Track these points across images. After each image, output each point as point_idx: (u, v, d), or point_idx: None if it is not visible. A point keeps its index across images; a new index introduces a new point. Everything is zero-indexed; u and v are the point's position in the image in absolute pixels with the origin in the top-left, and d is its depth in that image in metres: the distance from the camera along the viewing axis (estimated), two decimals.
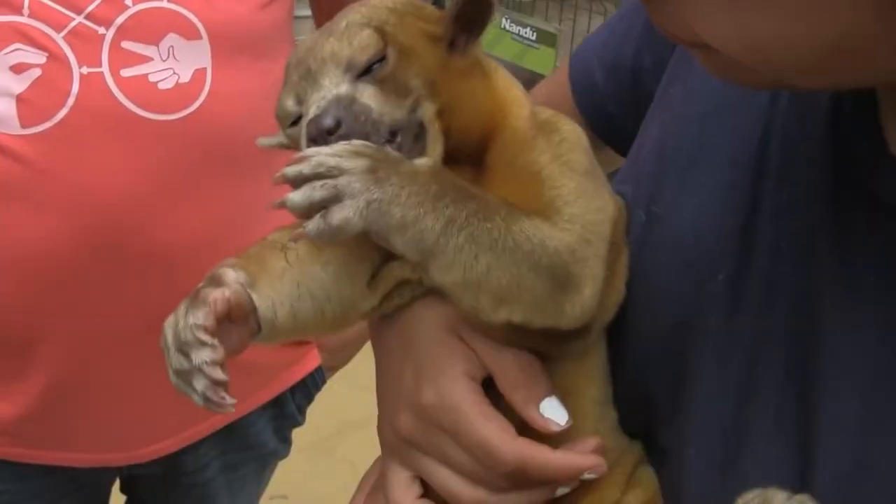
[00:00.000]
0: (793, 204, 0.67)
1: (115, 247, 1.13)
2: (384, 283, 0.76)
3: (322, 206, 0.64)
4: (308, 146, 0.67)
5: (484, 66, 0.77)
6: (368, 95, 0.69)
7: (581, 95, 0.96)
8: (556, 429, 0.72)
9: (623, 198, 0.78)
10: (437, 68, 0.72)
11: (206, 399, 0.71)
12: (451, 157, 0.72)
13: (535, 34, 2.94)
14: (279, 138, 0.80)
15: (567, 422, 0.73)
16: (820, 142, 0.66)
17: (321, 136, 0.67)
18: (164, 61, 1.13)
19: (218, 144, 1.18)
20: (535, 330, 0.70)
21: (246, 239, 1.22)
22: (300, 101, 0.72)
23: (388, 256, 0.73)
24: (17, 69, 1.08)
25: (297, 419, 1.55)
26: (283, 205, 0.65)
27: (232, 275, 0.73)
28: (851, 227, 0.63)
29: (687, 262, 0.72)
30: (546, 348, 0.74)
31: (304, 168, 0.64)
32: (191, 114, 1.14)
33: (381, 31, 0.71)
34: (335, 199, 0.64)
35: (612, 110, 0.93)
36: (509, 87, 0.78)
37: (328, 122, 0.67)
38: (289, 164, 0.66)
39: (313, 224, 0.64)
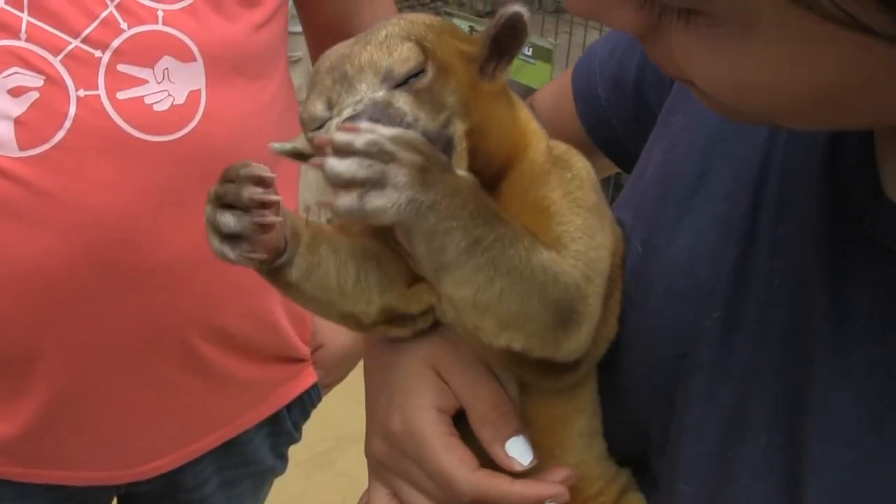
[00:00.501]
0: (788, 240, 0.68)
1: (113, 265, 1.14)
2: (416, 302, 0.77)
3: (361, 185, 0.62)
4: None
5: (509, 95, 0.78)
6: (405, 102, 0.69)
7: (583, 106, 0.96)
8: (518, 468, 0.73)
9: (622, 227, 0.79)
10: (470, 88, 0.72)
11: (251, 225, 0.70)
12: None
13: (530, 49, 2.95)
14: (292, 144, 0.80)
15: (530, 462, 0.74)
16: (817, 179, 0.66)
17: None
18: (158, 83, 1.15)
19: (214, 163, 1.18)
20: (530, 360, 0.71)
21: None
22: (331, 106, 0.72)
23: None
24: (15, 92, 1.09)
25: (294, 436, 1.56)
26: (317, 166, 0.63)
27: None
28: (845, 266, 0.63)
29: (682, 296, 0.72)
30: (538, 380, 0.76)
31: (358, 141, 0.63)
32: (186, 134, 1.16)
33: (421, 45, 0.71)
34: (378, 184, 0.62)
35: (614, 123, 0.94)
36: (530, 119, 0.79)
37: (364, 122, 0.66)
38: (340, 129, 0.64)
39: (348, 200, 0.62)
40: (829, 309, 0.62)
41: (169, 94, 1.15)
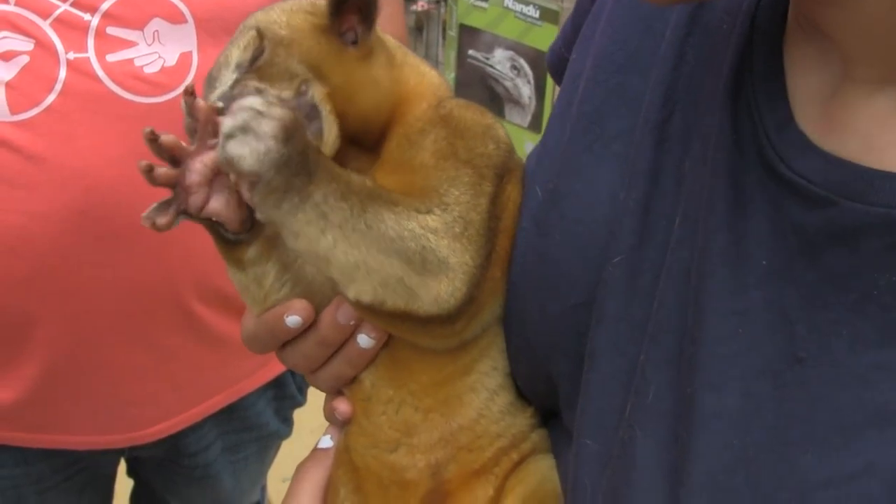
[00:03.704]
0: (693, 178, 0.64)
1: (106, 229, 1.14)
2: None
3: (230, 137, 0.66)
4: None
5: (392, 57, 0.80)
6: (251, 80, 0.73)
7: (558, 77, 0.94)
8: None
9: (525, 174, 0.78)
10: (323, 54, 0.75)
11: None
12: (354, 143, 0.76)
13: (538, 12, 2.93)
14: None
15: None
16: (721, 107, 0.63)
17: None
18: (149, 46, 1.14)
19: None
20: (394, 314, 0.72)
21: None
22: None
23: None
24: (5, 57, 1.09)
25: (298, 399, 1.56)
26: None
27: None
28: (747, 207, 0.59)
29: (584, 243, 0.70)
30: (414, 338, 0.76)
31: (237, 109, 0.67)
32: (177, 96, 1.15)
33: (260, 31, 0.75)
34: (243, 130, 0.66)
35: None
36: (420, 80, 0.80)
37: (218, 106, 0.70)
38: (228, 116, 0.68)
39: (218, 150, 0.67)
40: (727, 250, 0.59)
41: (159, 56, 1.15)
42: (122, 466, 1.57)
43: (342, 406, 0.81)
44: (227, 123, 0.66)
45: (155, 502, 1.64)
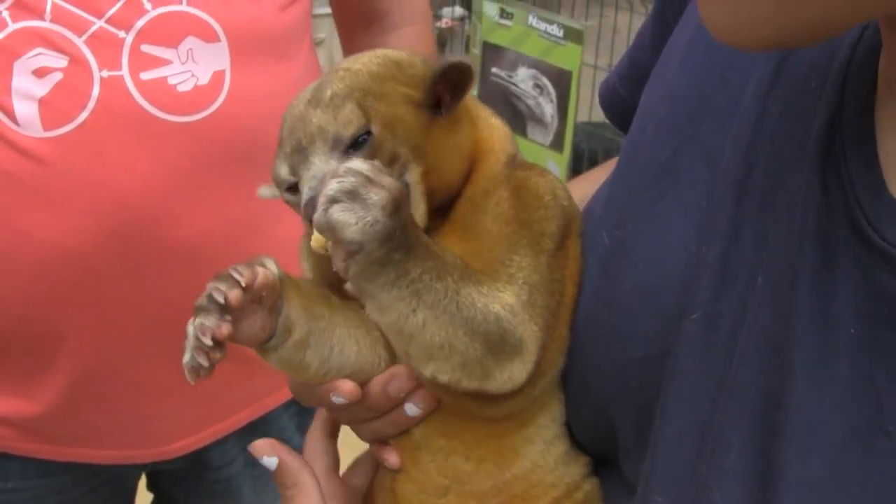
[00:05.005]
0: (775, 235, 0.62)
1: (135, 245, 1.15)
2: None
3: (333, 201, 0.64)
4: (305, 220, 0.70)
5: (471, 115, 0.78)
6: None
7: (611, 112, 0.94)
8: None
9: (590, 217, 0.77)
10: (420, 131, 0.73)
11: (190, 359, 0.73)
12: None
13: (561, 31, 2.93)
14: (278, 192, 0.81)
15: None
16: (809, 167, 0.61)
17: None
18: (182, 64, 1.15)
19: (237, 144, 1.20)
20: (466, 392, 0.72)
21: (265, 236, 1.25)
22: (294, 172, 0.74)
23: None
24: (40, 73, 1.10)
25: None
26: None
27: (272, 264, 0.74)
28: (835, 271, 0.58)
29: (656, 294, 0.68)
30: (474, 409, 0.75)
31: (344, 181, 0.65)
32: (210, 115, 1.16)
33: (363, 105, 0.72)
34: (350, 195, 0.64)
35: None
36: (490, 134, 0.79)
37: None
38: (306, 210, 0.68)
39: (319, 212, 0.65)
40: (814, 315, 0.58)
41: (193, 75, 1.15)
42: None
43: (391, 458, 0.79)
44: (333, 186, 0.64)
45: None
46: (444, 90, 0.75)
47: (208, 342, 0.71)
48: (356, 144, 0.72)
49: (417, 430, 0.78)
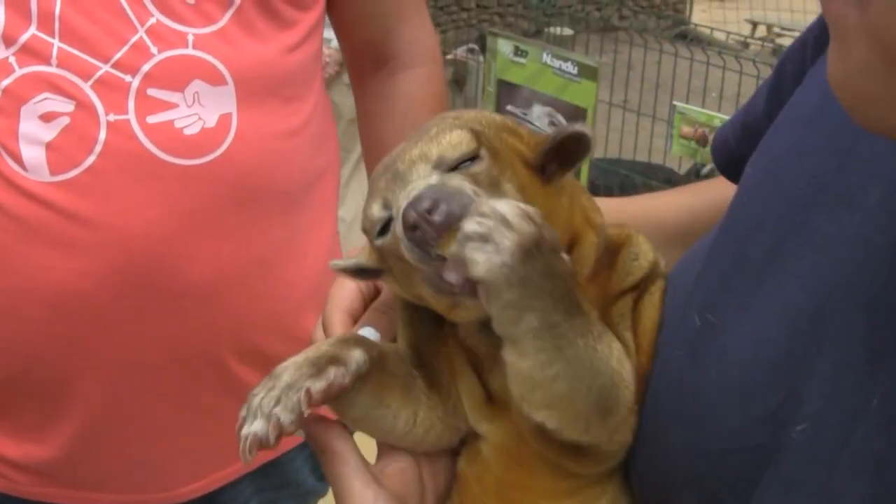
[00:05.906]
0: (891, 351, 0.57)
1: (145, 288, 1.15)
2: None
3: (467, 239, 0.62)
4: (407, 238, 0.66)
5: (571, 188, 0.76)
6: (460, 181, 0.68)
7: (720, 162, 0.91)
8: None
9: (673, 290, 0.75)
10: (527, 183, 0.71)
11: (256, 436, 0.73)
12: None
13: (576, 68, 2.94)
14: (354, 261, 0.79)
15: None
16: None
17: (421, 219, 0.64)
18: (189, 107, 1.15)
19: (245, 186, 1.20)
20: (556, 439, 0.69)
21: (276, 277, 1.24)
22: (387, 206, 0.71)
23: None
24: (46, 118, 1.11)
25: None
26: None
27: (358, 356, 0.73)
28: None
29: (746, 389, 0.64)
30: (559, 459, 0.73)
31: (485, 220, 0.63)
32: (217, 158, 1.16)
33: (474, 132, 0.70)
34: (483, 238, 0.62)
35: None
36: (591, 211, 0.77)
37: (425, 203, 0.64)
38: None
39: (454, 246, 0.63)
40: None
41: (199, 118, 1.16)
42: None
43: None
44: (469, 227, 0.62)
45: None
46: (553, 158, 0.73)
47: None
48: (459, 168, 0.69)
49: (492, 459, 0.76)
